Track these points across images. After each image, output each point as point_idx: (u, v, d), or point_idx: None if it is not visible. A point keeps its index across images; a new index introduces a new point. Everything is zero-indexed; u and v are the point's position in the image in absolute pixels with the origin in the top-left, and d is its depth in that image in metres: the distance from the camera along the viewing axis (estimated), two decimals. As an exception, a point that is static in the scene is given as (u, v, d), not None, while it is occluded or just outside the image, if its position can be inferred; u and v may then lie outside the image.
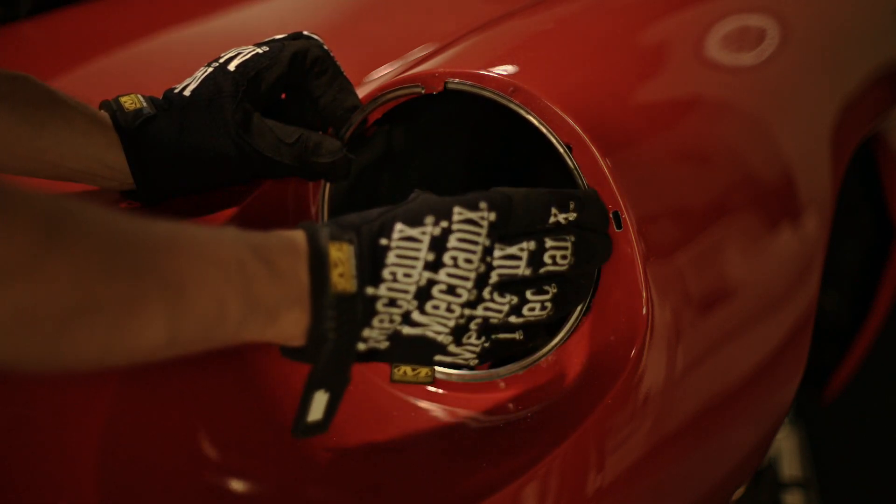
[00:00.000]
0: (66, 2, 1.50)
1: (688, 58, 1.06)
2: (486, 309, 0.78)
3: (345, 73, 0.96)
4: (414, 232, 0.75)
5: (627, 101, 0.94)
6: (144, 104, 0.91)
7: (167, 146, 0.91)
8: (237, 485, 0.83)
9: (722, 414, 0.94)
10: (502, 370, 0.91)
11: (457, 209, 0.76)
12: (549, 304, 0.81)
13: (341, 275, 0.72)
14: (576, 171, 0.85)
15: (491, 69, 0.89)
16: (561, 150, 0.86)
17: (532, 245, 0.79)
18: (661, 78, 1.01)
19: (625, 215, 0.84)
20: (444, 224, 0.76)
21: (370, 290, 0.73)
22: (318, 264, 0.71)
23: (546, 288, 0.80)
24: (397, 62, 1.09)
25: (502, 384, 0.91)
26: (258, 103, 0.93)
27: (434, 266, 0.75)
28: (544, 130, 0.86)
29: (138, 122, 0.90)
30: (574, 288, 0.83)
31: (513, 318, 0.80)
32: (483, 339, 0.79)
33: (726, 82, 1.06)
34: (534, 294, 0.80)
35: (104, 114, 0.91)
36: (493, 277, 0.78)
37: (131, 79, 1.12)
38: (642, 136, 0.91)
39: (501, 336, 0.81)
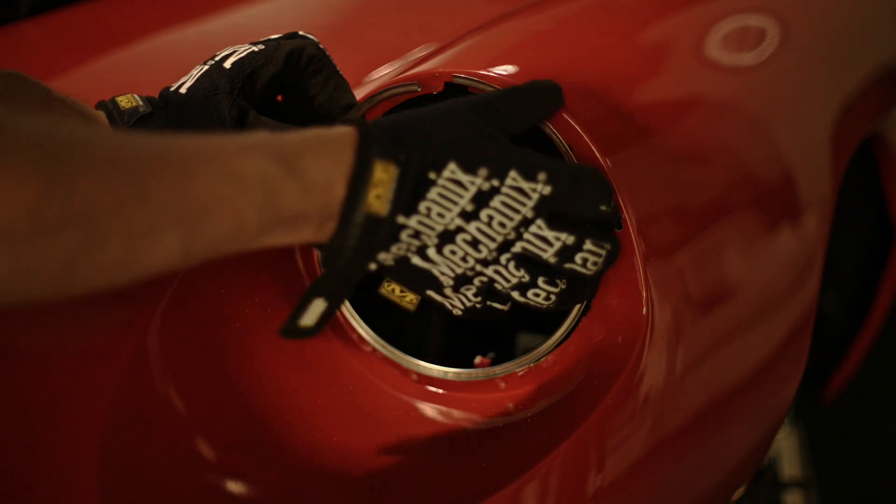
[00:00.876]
0: (65, 2, 1.50)
1: (688, 58, 1.06)
2: (497, 273, 0.78)
3: (340, 72, 0.96)
4: (464, 178, 0.74)
5: (627, 101, 0.94)
6: (140, 103, 0.92)
7: None
8: (237, 486, 0.83)
9: (722, 414, 0.94)
10: (501, 369, 0.91)
11: (513, 174, 0.75)
12: (553, 297, 0.81)
13: (378, 196, 0.71)
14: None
15: (491, 69, 0.89)
16: (563, 150, 0.86)
17: (570, 240, 0.78)
18: (661, 78, 1.01)
19: (625, 215, 0.84)
20: (496, 182, 0.75)
21: (401, 219, 0.73)
22: (359, 181, 0.70)
23: (558, 281, 0.80)
24: (397, 62, 1.09)
25: (502, 384, 0.91)
26: (254, 101, 0.93)
27: (469, 216, 0.75)
28: (547, 129, 0.86)
29: (134, 119, 0.90)
30: (583, 288, 0.83)
31: (515, 294, 0.80)
32: (479, 297, 0.79)
33: (726, 82, 1.06)
34: (545, 283, 0.80)
35: (100, 113, 0.91)
36: (517, 248, 0.77)
37: (130, 79, 1.12)
38: (642, 136, 0.91)
39: (495, 304, 0.81)
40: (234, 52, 0.94)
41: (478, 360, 0.98)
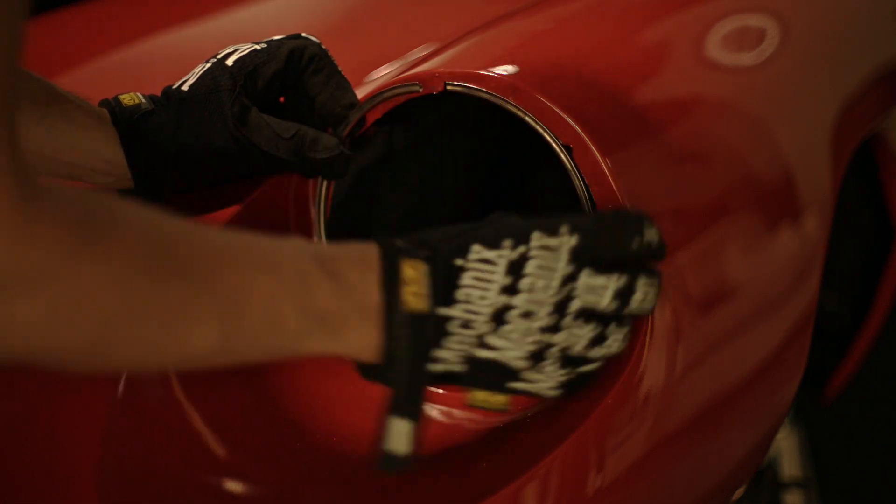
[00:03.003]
0: (66, 2, 1.50)
1: (688, 58, 1.06)
2: (569, 336, 0.75)
3: (342, 72, 0.96)
4: (490, 254, 0.73)
5: (628, 101, 0.94)
6: (143, 100, 0.92)
7: (165, 140, 0.91)
8: (238, 486, 0.83)
9: (722, 414, 0.94)
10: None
11: (535, 234, 0.74)
12: (627, 336, 0.78)
13: (414, 293, 0.70)
14: (574, 172, 0.85)
15: (490, 69, 0.89)
16: (558, 151, 0.85)
17: (623, 280, 0.75)
18: (661, 78, 1.01)
19: (625, 215, 0.84)
20: (522, 249, 0.73)
21: (443, 311, 0.71)
22: (391, 281, 0.69)
23: (625, 321, 0.77)
24: (397, 62, 1.09)
25: (502, 384, 0.90)
26: (255, 99, 0.93)
27: (510, 290, 0.73)
28: (541, 130, 0.86)
29: (136, 116, 0.91)
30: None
31: (594, 351, 0.76)
32: (566, 369, 0.76)
33: (726, 82, 1.06)
34: (618, 326, 0.77)
35: (103, 110, 0.92)
36: (574, 305, 0.75)
37: (131, 78, 1.12)
38: (642, 136, 0.91)
39: (584, 368, 0.77)
40: (237, 50, 0.94)
41: (478, 360, 0.97)
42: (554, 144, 0.85)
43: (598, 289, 0.75)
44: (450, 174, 1.21)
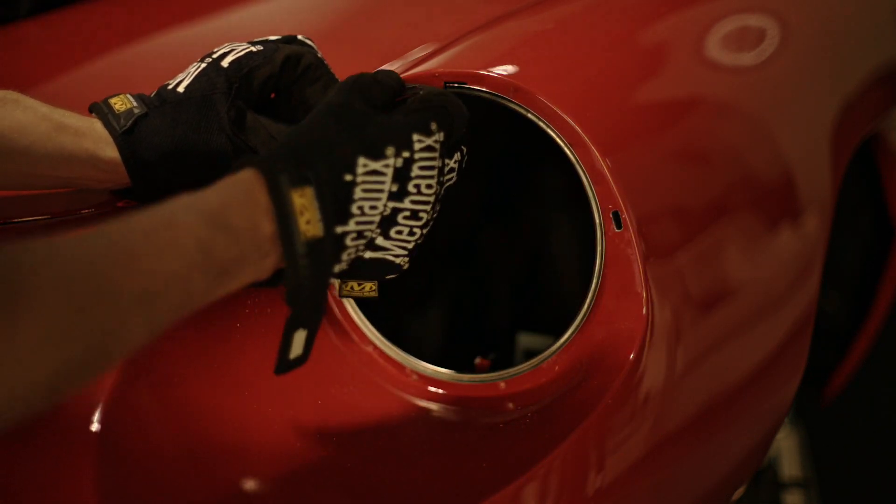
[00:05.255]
0: (66, 2, 1.50)
1: (688, 58, 1.06)
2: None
3: (339, 80, 0.96)
4: (377, 165, 0.76)
5: (628, 101, 0.94)
6: (134, 103, 0.92)
7: (161, 143, 0.91)
8: (236, 485, 0.83)
9: (722, 414, 0.94)
10: (498, 375, 0.91)
11: (416, 137, 0.78)
12: None
13: (308, 221, 0.73)
14: (580, 168, 0.85)
15: (491, 69, 0.89)
16: (563, 147, 0.86)
17: (459, 155, 0.83)
18: (661, 78, 1.01)
19: (625, 215, 0.84)
20: (406, 154, 0.77)
21: (339, 229, 0.75)
22: (284, 215, 0.72)
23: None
24: (398, 62, 1.09)
25: (502, 384, 0.91)
26: (250, 100, 0.94)
27: (398, 195, 0.77)
28: (545, 127, 0.86)
29: (130, 121, 0.90)
30: None
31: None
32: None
33: (727, 82, 1.06)
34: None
35: (95, 121, 0.92)
36: (441, 193, 0.81)
37: (130, 78, 1.12)
38: (642, 135, 0.92)
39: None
40: (232, 50, 0.94)
41: (478, 360, 0.98)
42: (559, 140, 0.85)
43: (452, 170, 0.82)
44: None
